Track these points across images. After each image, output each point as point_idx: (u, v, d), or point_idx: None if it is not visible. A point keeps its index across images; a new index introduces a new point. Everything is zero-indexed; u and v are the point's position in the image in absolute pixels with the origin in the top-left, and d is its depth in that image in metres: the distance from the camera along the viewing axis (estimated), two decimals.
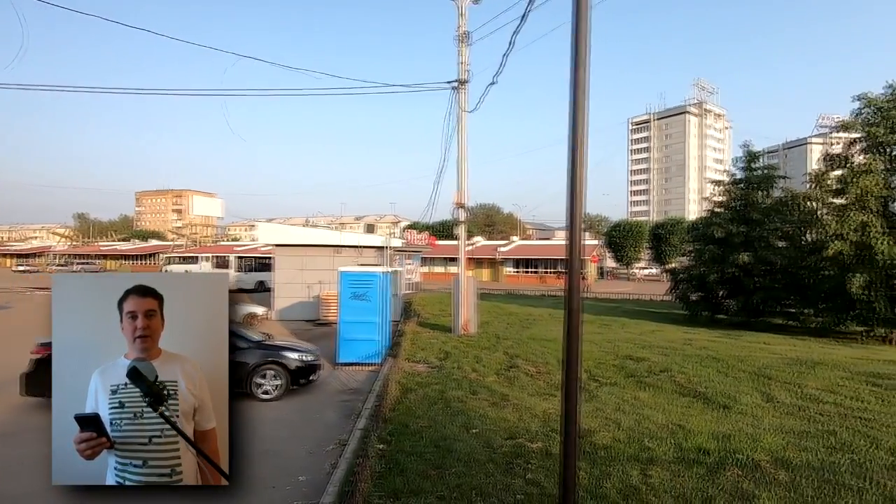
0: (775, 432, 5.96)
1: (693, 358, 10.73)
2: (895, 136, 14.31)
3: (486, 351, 11.37)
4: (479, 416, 6.55)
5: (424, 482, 4.49)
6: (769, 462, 4.94)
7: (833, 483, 4.47)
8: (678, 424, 6.21)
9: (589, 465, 4.86)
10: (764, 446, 5.42)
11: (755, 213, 17.55)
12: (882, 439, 5.66)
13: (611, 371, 9.43)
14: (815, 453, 5.21)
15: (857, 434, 5.88)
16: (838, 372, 9.38)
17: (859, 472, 4.72)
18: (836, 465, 4.88)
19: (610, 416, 6.56)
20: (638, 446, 5.44)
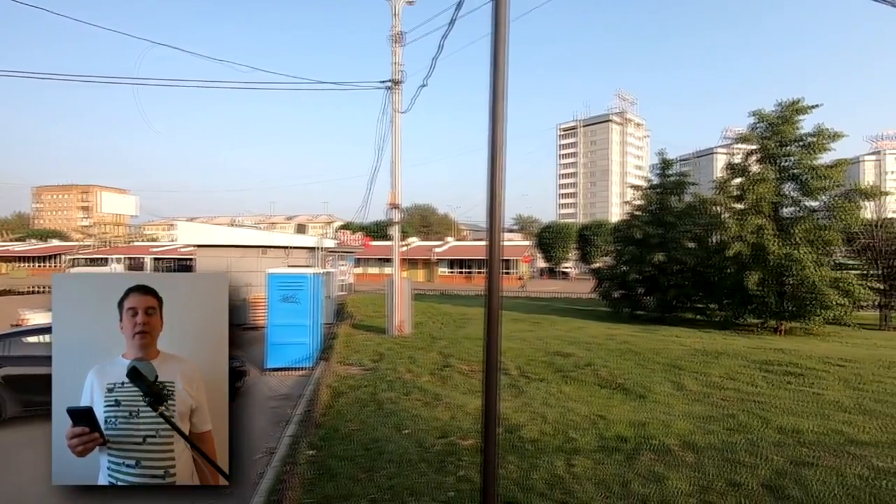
0: (684, 418, 6.48)
1: (615, 352, 11.40)
2: (784, 149, 16.04)
3: (421, 351, 11.40)
4: (412, 416, 6.56)
5: (355, 486, 4.44)
6: (679, 446, 5.37)
7: (731, 461, 4.94)
8: (599, 415, 6.58)
9: (518, 459, 5.03)
10: (675, 431, 5.88)
11: (669, 216, 18.97)
12: (772, 419, 6.33)
13: (540, 367, 9.79)
14: (717, 435, 5.73)
15: (752, 416, 6.53)
16: (737, 361, 10.37)
17: (753, 450, 5.25)
18: (734, 445, 5.40)
19: (538, 410, 6.81)
20: (563, 438, 5.70)
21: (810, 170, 15.33)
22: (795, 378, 8.81)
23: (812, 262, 14.61)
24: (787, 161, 15.97)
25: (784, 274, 15.11)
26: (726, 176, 17.60)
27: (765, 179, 15.64)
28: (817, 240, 15.17)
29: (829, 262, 15.46)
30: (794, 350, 11.99)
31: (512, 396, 7.60)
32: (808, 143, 15.58)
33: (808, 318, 15.03)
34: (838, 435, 5.74)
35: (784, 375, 9.02)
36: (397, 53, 14.06)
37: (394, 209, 14.51)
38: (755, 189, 15.58)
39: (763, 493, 4.25)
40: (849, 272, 15.64)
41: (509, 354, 10.95)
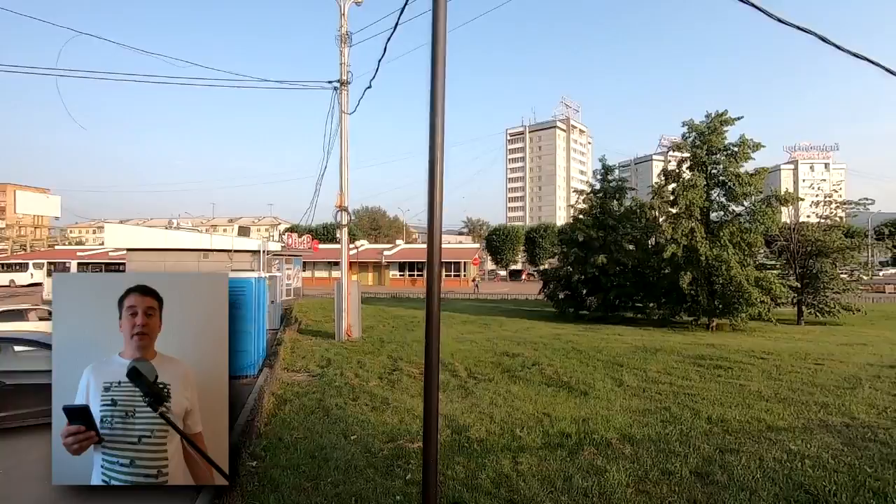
0: (624, 412, 6.79)
1: (560, 351, 11.77)
2: (712, 157, 17.20)
3: (370, 356, 11.28)
4: (360, 421, 6.47)
5: (300, 496, 4.32)
6: (618, 439, 5.61)
7: (666, 451, 5.22)
8: (545, 413, 6.76)
9: (465, 459, 5.08)
10: (615, 425, 6.14)
11: (610, 219, 19.83)
12: (702, 410, 6.75)
13: (488, 368, 9.93)
14: (653, 427, 6.04)
15: (685, 408, 6.93)
16: (673, 356, 10.98)
17: (685, 440, 5.58)
18: (668, 436, 5.71)
19: (485, 410, 6.91)
20: (510, 436, 5.81)
21: (735, 177, 16.53)
22: (724, 371, 9.44)
23: (737, 263, 15.74)
24: (714, 168, 17.14)
25: (713, 274, 16.17)
26: (661, 182, 18.63)
27: (695, 185, 16.70)
28: (742, 242, 16.38)
29: (752, 263, 16.70)
30: (723, 345, 12.86)
31: (460, 398, 7.67)
32: (732, 152, 16.79)
33: (734, 315, 16.16)
34: (759, 422, 6.20)
35: (714, 369, 9.64)
36: (345, 54, 13.88)
37: (341, 211, 14.28)
38: (687, 194, 16.60)
39: (693, 479, 4.52)
40: (769, 272, 16.97)
41: (459, 356, 11.05)
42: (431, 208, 2.10)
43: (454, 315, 21.23)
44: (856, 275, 20.07)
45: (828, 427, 6.02)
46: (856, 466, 4.70)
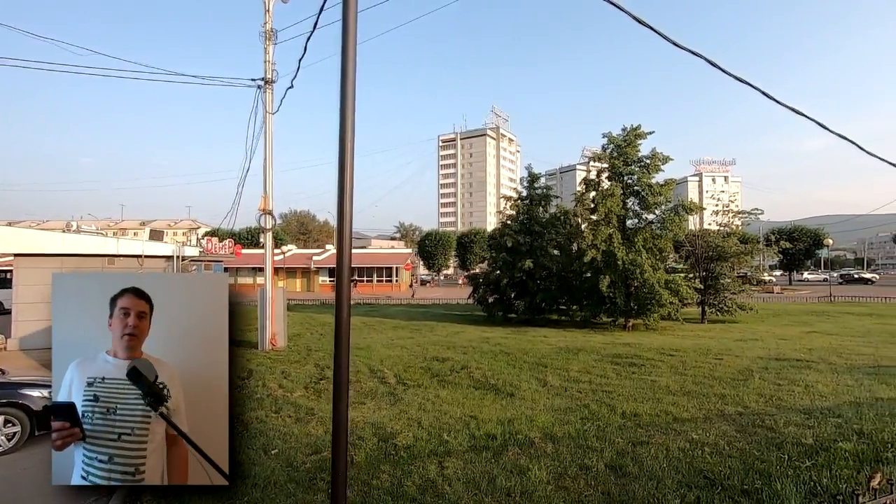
0: (547, 411, 7.04)
1: (488, 354, 12.00)
2: (629, 168, 18.43)
3: (295, 365, 10.85)
4: (282, 434, 6.20)
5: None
6: (541, 438, 5.81)
7: (583, 447, 5.47)
8: (472, 416, 6.85)
9: (391, 467, 5.02)
10: (538, 425, 6.35)
11: (537, 225, 20.60)
12: (617, 406, 7.16)
13: (418, 373, 9.91)
14: (573, 425, 6.32)
15: (602, 405, 7.32)
16: (593, 356, 11.58)
17: (602, 435, 5.89)
18: (587, 433, 5.99)
19: (413, 416, 6.88)
20: (437, 441, 5.82)
21: (647, 187, 17.82)
22: (637, 368, 10.09)
23: (650, 267, 16.94)
24: (630, 179, 18.37)
25: (629, 277, 17.29)
26: (583, 190, 19.66)
27: (613, 194, 17.80)
28: (654, 247, 17.66)
29: (662, 267, 18.05)
30: (638, 343, 13.75)
31: (389, 405, 7.58)
32: (645, 164, 18.09)
33: (648, 315, 17.35)
34: (667, 415, 6.69)
35: (629, 367, 10.27)
36: (269, 51, 13.35)
37: (265, 215, 13.67)
38: (606, 202, 17.65)
39: (607, 472, 4.78)
40: (677, 275, 18.42)
41: (388, 362, 10.93)
42: (341, 215, 2.05)
43: (385, 321, 21.01)
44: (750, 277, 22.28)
45: (724, 416, 6.61)
46: (746, 451, 5.20)
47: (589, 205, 19.12)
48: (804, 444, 5.32)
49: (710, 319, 20.74)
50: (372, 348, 13.06)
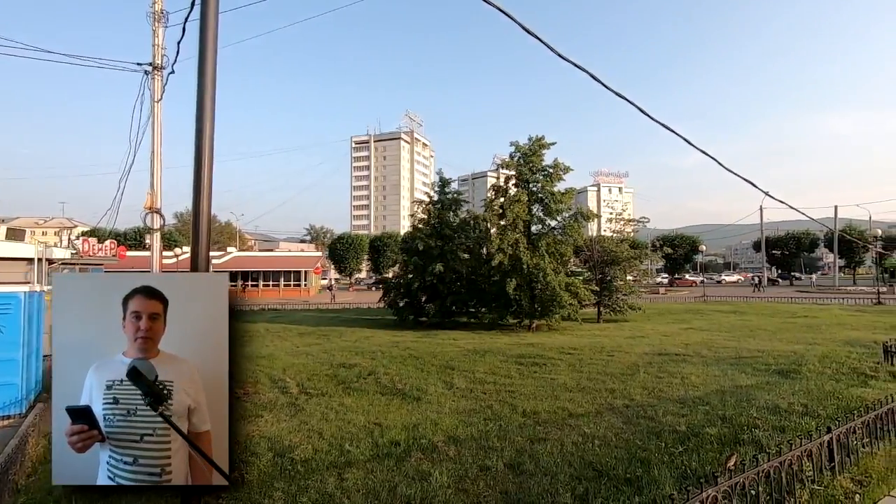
0: (452, 414, 7.09)
1: (397, 359, 11.89)
2: (534, 176, 19.38)
3: None
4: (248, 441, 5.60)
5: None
6: (444, 442, 5.82)
7: (485, 448, 5.57)
8: (376, 423, 6.71)
9: (286, 484, 4.73)
10: (442, 428, 6.37)
11: (447, 229, 20.92)
12: (519, 405, 7.41)
13: (323, 381, 9.53)
14: (476, 426, 6.42)
15: (505, 405, 7.53)
16: (499, 357, 11.92)
17: (503, 435, 6.04)
18: (489, 433, 6.12)
19: (314, 426, 6.58)
20: (338, 452, 5.61)
21: (550, 195, 18.86)
22: (539, 367, 10.56)
23: (552, 271, 17.90)
24: (535, 186, 19.32)
25: (534, 280, 18.13)
26: (492, 196, 20.32)
27: (520, 200, 18.60)
28: (556, 252, 18.70)
29: (563, 271, 19.17)
30: (541, 343, 14.41)
31: (288, 416, 7.18)
32: (549, 172, 19.14)
33: (550, 316, 18.31)
34: (563, 411, 7.04)
35: (531, 366, 10.71)
36: (158, 34, 12.16)
37: (153, 214, 12.40)
38: (513, 208, 18.40)
39: (506, 471, 4.90)
40: (576, 278, 19.66)
41: (292, 371, 10.40)
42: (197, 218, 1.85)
43: (291, 327, 20.07)
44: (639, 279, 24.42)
45: (613, 409, 7.11)
46: (630, 441, 5.62)
47: (497, 210, 19.80)
48: (678, 432, 5.87)
49: (605, 319, 22.36)
50: (275, 356, 12.38)
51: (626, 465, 4.88)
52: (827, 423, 5.09)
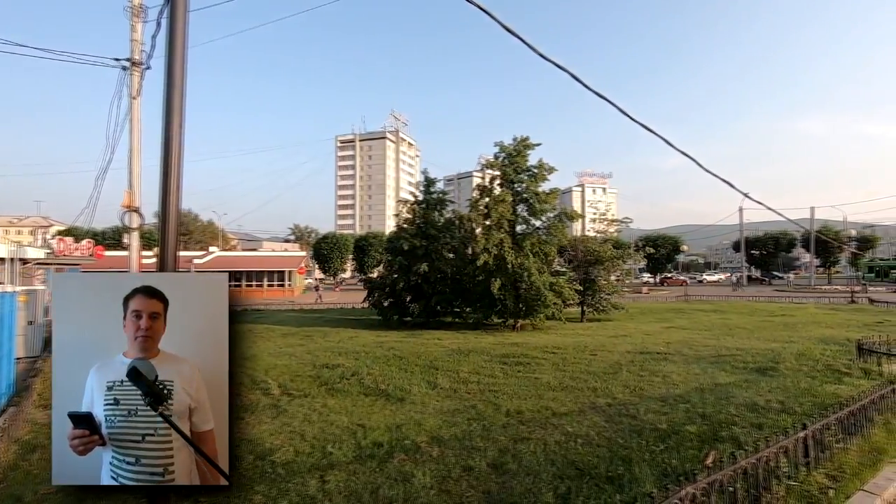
0: (436, 414, 7.07)
1: (381, 359, 11.82)
2: (519, 176, 19.46)
3: None
4: None
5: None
6: (427, 442, 5.80)
7: (468, 448, 5.57)
8: (360, 424, 6.65)
9: (267, 487, 4.66)
10: (426, 429, 6.34)
11: (432, 229, 20.88)
12: (503, 405, 7.42)
13: (306, 382, 9.43)
14: (459, 426, 6.41)
15: (489, 404, 7.54)
16: (483, 356, 11.93)
17: (486, 434, 6.04)
18: (472, 433, 6.11)
19: (297, 428, 6.50)
20: (320, 454, 5.55)
21: (535, 195, 18.96)
22: (523, 367, 10.59)
23: (537, 271, 17.99)
24: (519, 186, 19.40)
25: (518, 280, 18.20)
26: (477, 196, 20.35)
27: (504, 200, 18.65)
28: (540, 252, 18.79)
29: (547, 270, 19.28)
30: (525, 343, 14.47)
31: (270, 418, 7.08)
32: (533, 173, 19.24)
33: (534, 316, 18.41)
34: (547, 410, 7.07)
35: (515, 365, 10.75)
36: (137, 29, 11.90)
37: (131, 212, 12.14)
38: (497, 208, 18.44)
39: (489, 471, 4.90)
40: (560, 278, 19.79)
41: (274, 372, 10.27)
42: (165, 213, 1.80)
43: (274, 328, 19.82)
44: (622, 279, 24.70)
45: (596, 408, 7.16)
46: (612, 439, 5.66)
47: (482, 210, 19.82)
48: (659, 430, 5.94)
49: (588, 318, 22.56)
50: (257, 357, 12.20)
51: (608, 464, 4.92)
52: (802, 419, 5.20)
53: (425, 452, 5.47)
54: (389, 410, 7.46)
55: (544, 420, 6.61)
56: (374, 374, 9.99)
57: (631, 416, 6.59)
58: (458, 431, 6.21)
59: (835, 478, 4.53)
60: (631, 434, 5.83)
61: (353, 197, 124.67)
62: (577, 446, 5.49)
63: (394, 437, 6.05)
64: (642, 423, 6.26)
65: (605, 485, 4.46)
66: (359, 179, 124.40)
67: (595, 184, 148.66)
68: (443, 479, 4.75)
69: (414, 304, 20.58)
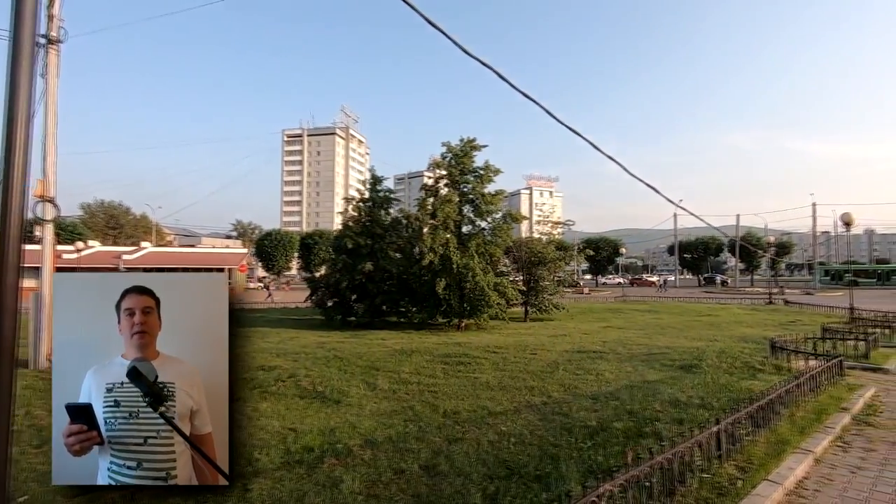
0: (372, 416, 6.95)
1: (321, 360, 11.51)
2: (465, 177, 19.60)
3: None
4: (42, 474, 5.00)
5: None
6: (360, 445, 5.67)
7: (402, 450, 5.49)
8: (291, 428, 6.41)
9: (182, 500, 4.37)
10: (359, 431, 6.20)
11: (378, 228, 20.65)
12: (440, 405, 7.40)
13: None
14: (395, 428, 6.32)
15: (427, 405, 7.49)
16: (426, 356, 11.89)
17: (421, 436, 5.99)
18: (407, 435, 6.04)
19: None
20: (245, 461, 5.25)
21: (481, 196, 19.17)
22: (464, 366, 10.64)
23: (481, 271, 18.20)
24: (465, 187, 19.56)
25: (463, 280, 18.33)
26: (424, 196, 20.31)
27: (451, 201, 18.75)
28: (485, 252, 19.02)
29: (492, 271, 19.55)
30: (468, 343, 14.57)
31: None
32: (479, 174, 19.45)
33: (478, 316, 18.61)
34: (483, 410, 7.12)
35: (457, 365, 10.78)
36: (55, 3, 10.96)
37: (44, 203, 11.15)
38: (443, 208, 18.50)
39: (421, 473, 4.85)
40: (504, 278, 20.13)
41: None
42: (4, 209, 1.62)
43: None
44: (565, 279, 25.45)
45: (531, 406, 7.29)
46: (544, 437, 5.77)
47: (429, 210, 19.81)
48: (589, 427, 6.12)
49: (531, 318, 23.09)
50: None
51: (538, 462, 5.00)
52: (718, 414, 5.52)
53: (357, 456, 5.34)
54: (324, 413, 7.25)
55: (480, 420, 6.64)
56: (311, 375, 9.69)
57: (563, 414, 6.76)
58: (392, 433, 6.12)
59: (744, 469, 4.82)
60: (562, 432, 5.97)
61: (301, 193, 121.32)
62: (510, 445, 5.54)
63: (326, 441, 5.87)
64: (573, 420, 6.43)
65: (532, 483, 4.52)
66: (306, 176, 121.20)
67: (542, 187, 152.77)
68: (372, 483, 4.65)
69: (358, 304, 20.26)
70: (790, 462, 5.00)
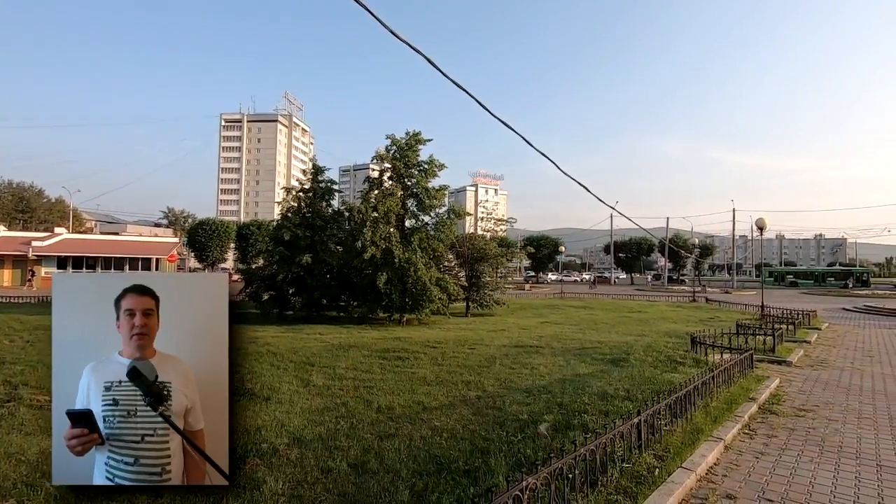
0: (302, 414, 6.69)
1: (253, 355, 10.99)
2: (409, 171, 19.43)
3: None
4: None
5: None
6: (287, 444, 5.43)
7: (331, 448, 5.32)
8: None
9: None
10: (288, 430, 5.95)
11: (319, 220, 20.08)
12: (374, 401, 7.27)
13: None
14: (325, 425, 6.12)
15: (361, 401, 7.34)
16: (363, 352, 11.68)
17: (352, 433, 5.83)
18: (338, 432, 5.87)
19: None
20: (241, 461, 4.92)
21: (425, 190, 19.10)
22: (402, 361, 10.54)
23: (424, 266, 18.15)
24: (409, 181, 19.40)
25: (405, 275, 18.20)
26: (367, 188, 19.95)
27: (394, 194, 18.54)
28: (428, 247, 18.99)
29: (434, 266, 19.56)
30: (408, 337, 14.48)
31: None
32: (424, 168, 19.35)
33: (420, 311, 18.56)
34: (418, 405, 7.06)
35: (395, 360, 10.66)
36: None
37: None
38: (386, 202, 18.27)
39: (349, 472, 4.71)
40: (446, 273, 20.21)
41: None
42: None
43: None
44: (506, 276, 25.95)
45: (466, 401, 7.32)
46: (476, 432, 5.80)
47: (372, 203, 19.49)
48: (520, 420, 6.22)
49: (473, 313, 23.36)
50: None
51: (468, 457, 5.00)
52: (640, 406, 5.77)
53: (283, 455, 5.12)
54: (252, 411, 6.90)
55: (414, 415, 6.58)
56: (240, 372, 9.22)
57: (497, 409, 6.83)
58: (322, 431, 5.93)
59: (661, 457, 5.07)
60: (494, 426, 6.02)
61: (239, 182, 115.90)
62: (442, 440, 5.52)
63: (251, 440, 5.58)
64: (506, 414, 6.51)
65: (461, 478, 4.51)
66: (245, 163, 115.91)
67: (488, 185, 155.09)
68: (297, 483, 4.46)
69: (296, 298, 19.64)
70: (703, 449, 5.31)
